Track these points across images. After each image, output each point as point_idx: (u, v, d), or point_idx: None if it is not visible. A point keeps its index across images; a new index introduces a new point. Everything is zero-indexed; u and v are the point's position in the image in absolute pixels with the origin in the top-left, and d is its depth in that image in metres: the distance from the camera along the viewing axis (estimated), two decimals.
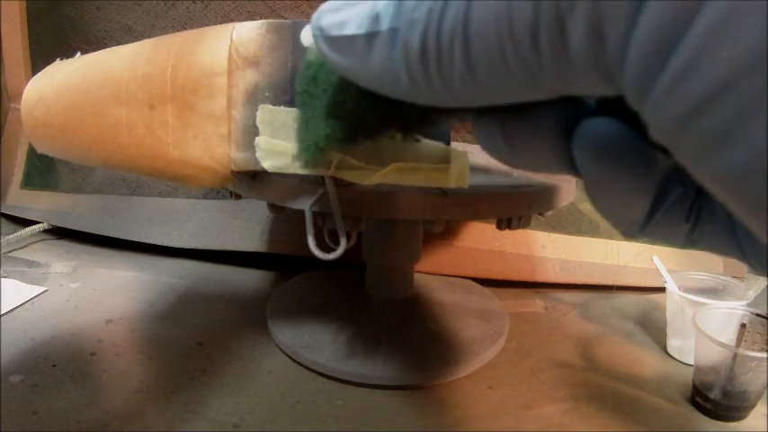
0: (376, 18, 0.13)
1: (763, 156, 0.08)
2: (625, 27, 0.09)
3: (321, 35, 0.14)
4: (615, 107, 0.13)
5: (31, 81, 0.29)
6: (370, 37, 0.13)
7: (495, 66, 0.11)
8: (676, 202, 0.14)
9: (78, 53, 0.28)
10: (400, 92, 0.13)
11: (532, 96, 0.12)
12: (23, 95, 0.28)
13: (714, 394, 0.34)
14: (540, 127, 0.14)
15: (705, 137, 0.09)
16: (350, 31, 0.13)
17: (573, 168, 0.14)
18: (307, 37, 0.20)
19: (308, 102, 0.19)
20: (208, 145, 0.23)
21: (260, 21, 0.22)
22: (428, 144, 0.25)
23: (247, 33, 0.22)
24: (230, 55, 0.22)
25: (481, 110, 0.14)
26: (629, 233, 0.15)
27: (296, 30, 0.23)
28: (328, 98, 0.18)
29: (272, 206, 0.32)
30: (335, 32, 0.14)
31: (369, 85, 0.14)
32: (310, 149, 0.20)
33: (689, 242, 0.15)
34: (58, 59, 0.29)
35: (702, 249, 0.15)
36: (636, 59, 0.09)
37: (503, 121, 0.14)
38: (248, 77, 0.23)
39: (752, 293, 0.40)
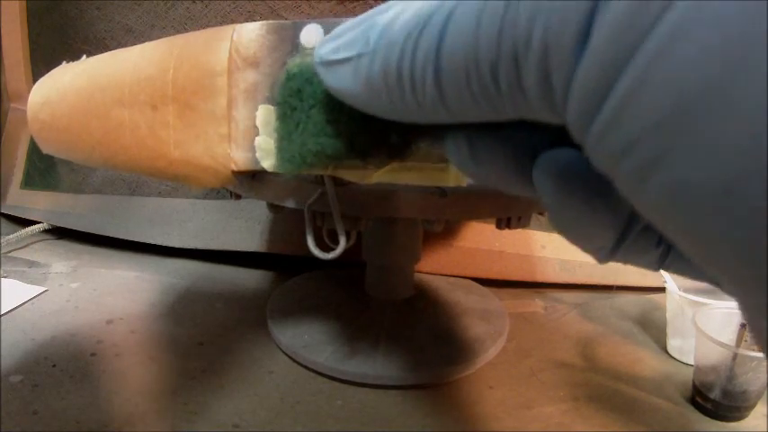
0: (366, 42, 0.14)
1: (685, 185, 0.09)
2: (567, 71, 0.10)
3: (319, 62, 0.16)
4: None
5: (36, 84, 0.29)
6: (358, 58, 0.14)
7: (462, 94, 0.12)
8: (646, 229, 0.14)
9: (84, 56, 0.29)
10: (382, 109, 0.14)
11: (498, 119, 0.13)
12: (29, 98, 0.29)
13: (714, 394, 0.34)
14: (506, 147, 0.15)
15: (634, 172, 0.10)
16: (342, 54, 0.15)
17: (537, 192, 0.15)
18: (307, 38, 0.20)
19: (290, 114, 0.19)
20: (209, 145, 0.23)
21: (260, 21, 0.22)
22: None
23: (247, 34, 0.22)
24: (230, 55, 0.22)
25: (452, 126, 0.15)
26: (599, 259, 0.15)
27: (296, 30, 0.23)
28: (318, 116, 0.18)
29: (271, 206, 0.32)
30: (331, 57, 0.15)
31: (357, 105, 0.15)
32: (295, 162, 0.20)
33: (662, 267, 0.15)
34: (64, 62, 0.29)
35: (676, 274, 0.16)
36: (575, 102, 0.10)
37: (470, 138, 0.15)
38: (248, 78, 0.23)
39: None
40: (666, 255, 0.15)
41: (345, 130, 0.18)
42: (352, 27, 0.15)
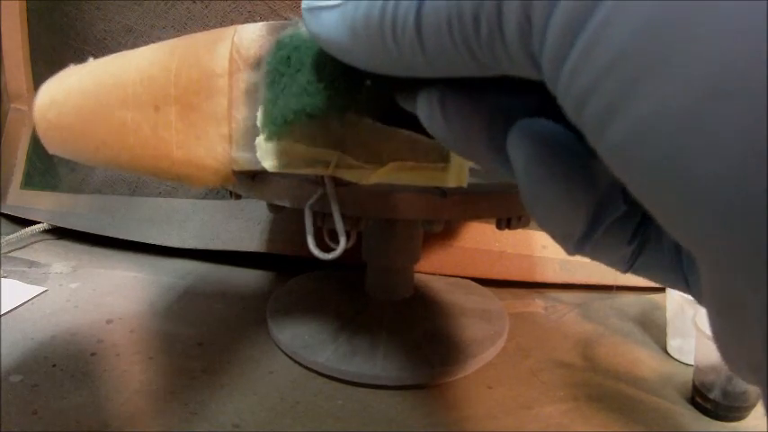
0: None
1: (655, 120, 0.09)
2: (547, 11, 0.10)
3: (306, 8, 0.16)
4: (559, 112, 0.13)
5: (44, 84, 0.29)
6: (344, 4, 0.14)
7: (443, 42, 0.12)
8: (618, 222, 0.14)
9: (90, 58, 0.29)
10: (362, 58, 0.14)
11: (476, 73, 0.12)
12: (37, 98, 0.29)
13: (714, 394, 0.34)
14: (480, 108, 0.14)
15: (601, 109, 0.09)
16: (324, 2, 0.15)
17: (506, 164, 0.14)
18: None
19: (278, 80, 0.20)
20: (210, 145, 0.23)
21: (261, 23, 0.22)
22: (427, 143, 0.25)
23: (248, 35, 0.22)
24: (231, 56, 0.22)
25: (427, 82, 0.15)
26: (567, 250, 0.15)
27: (296, 31, 0.23)
28: (301, 77, 0.19)
29: (271, 206, 0.32)
30: (318, 3, 0.15)
31: (338, 53, 0.15)
32: (277, 122, 0.21)
33: (630, 267, 0.15)
34: (71, 65, 0.29)
35: (645, 277, 0.15)
36: (550, 45, 0.10)
37: (444, 94, 0.14)
38: (249, 78, 0.23)
39: None
40: (637, 256, 0.15)
41: (325, 88, 0.18)
42: None
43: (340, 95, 0.18)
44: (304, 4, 0.16)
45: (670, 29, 0.08)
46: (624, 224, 0.14)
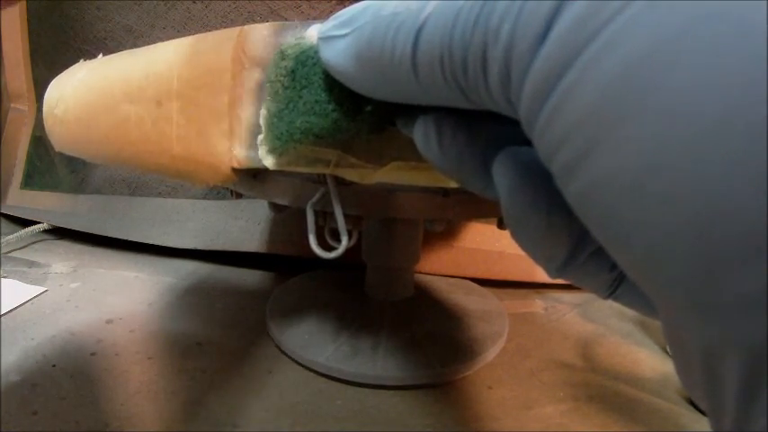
0: (361, 20, 0.15)
1: (605, 182, 0.10)
2: (525, 65, 0.10)
3: (321, 37, 0.17)
4: None
5: (53, 81, 0.30)
6: (351, 33, 0.15)
7: (435, 75, 0.13)
8: (600, 251, 0.14)
9: (101, 54, 0.29)
10: (366, 85, 0.15)
11: (467, 106, 0.13)
12: (46, 94, 0.29)
13: None
14: (471, 136, 0.15)
15: (565, 163, 0.10)
16: (340, 31, 0.16)
17: (494, 192, 0.15)
18: (312, 38, 0.21)
19: (281, 92, 0.20)
20: (210, 142, 0.24)
21: (267, 23, 0.22)
22: None
23: (254, 35, 0.22)
24: (236, 54, 0.22)
25: (424, 109, 0.15)
26: (549, 273, 0.15)
27: (301, 31, 0.23)
28: (308, 95, 0.19)
29: (272, 206, 0.32)
30: (331, 33, 0.16)
31: (346, 80, 0.16)
32: (282, 139, 0.21)
33: (611, 294, 0.16)
34: (81, 60, 0.29)
35: (625, 305, 0.16)
36: (527, 95, 0.11)
37: (439, 121, 0.15)
38: (254, 77, 0.23)
39: None
40: (618, 284, 0.15)
41: (333, 111, 0.19)
42: (353, 9, 0.16)
43: (347, 119, 0.19)
44: (319, 33, 0.17)
45: (625, 100, 0.09)
46: (605, 253, 0.14)
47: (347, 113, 0.19)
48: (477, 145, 0.15)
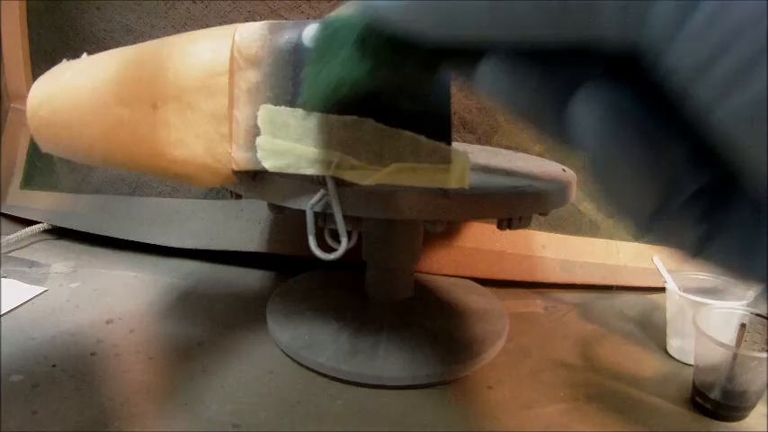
0: None
1: None
2: None
3: None
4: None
5: (36, 81, 0.29)
6: None
7: (527, 5, 0.11)
8: (691, 200, 0.13)
9: (85, 54, 0.29)
10: (420, 26, 0.14)
11: (555, 36, 0.12)
12: (29, 95, 0.29)
13: (714, 394, 0.34)
14: (545, 74, 0.14)
15: (722, 79, 0.09)
16: None
17: (566, 133, 0.14)
18: (308, 37, 0.21)
19: (321, 58, 0.21)
20: (209, 144, 0.23)
21: (262, 22, 0.22)
22: (429, 144, 0.25)
23: (249, 34, 0.22)
24: (232, 55, 0.22)
25: (484, 52, 0.15)
26: (636, 228, 0.14)
27: (297, 30, 0.23)
28: (345, 52, 0.20)
29: (272, 206, 0.32)
30: None
31: (394, 22, 0.15)
32: (317, 95, 0.21)
33: (701, 253, 0.14)
34: (65, 60, 0.29)
35: (713, 268, 0.14)
36: (665, 9, 0.10)
37: (514, 59, 0.14)
38: (250, 77, 0.23)
39: (752, 294, 0.40)
40: (708, 239, 0.14)
41: (367, 60, 0.19)
42: None
43: (381, 68, 0.19)
44: None
45: None
46: (697, 202, 0.13)
47: (382, 64, 0.19)
48: (552, 84, 0.14)
